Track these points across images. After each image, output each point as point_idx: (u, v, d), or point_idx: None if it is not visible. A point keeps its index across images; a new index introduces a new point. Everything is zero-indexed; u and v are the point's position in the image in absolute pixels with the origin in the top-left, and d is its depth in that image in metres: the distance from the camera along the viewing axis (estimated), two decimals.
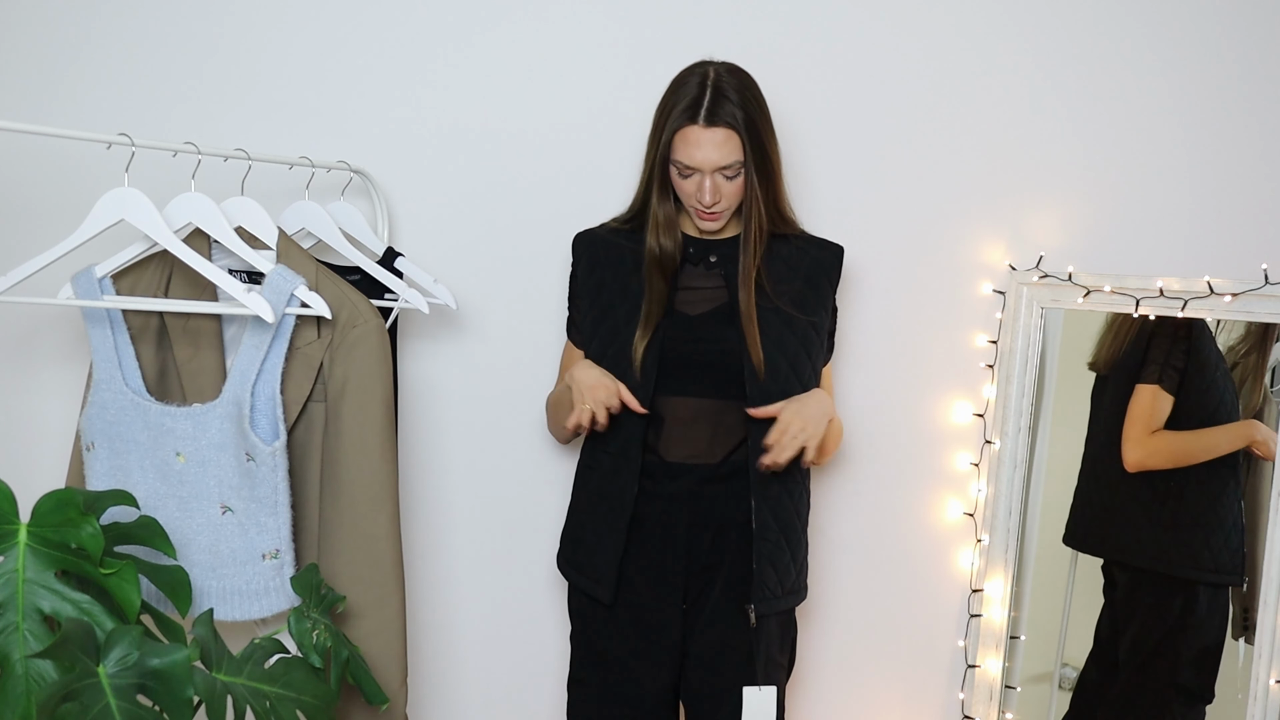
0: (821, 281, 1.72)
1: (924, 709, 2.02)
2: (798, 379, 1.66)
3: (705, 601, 1.69)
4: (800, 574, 1.73)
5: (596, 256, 1.75)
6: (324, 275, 1.63)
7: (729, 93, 1.58)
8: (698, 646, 1.70)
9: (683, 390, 1.67)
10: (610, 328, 1.70)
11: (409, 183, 1.97)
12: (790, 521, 1.68)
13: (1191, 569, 1.87)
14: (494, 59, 1.97)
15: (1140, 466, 1.88)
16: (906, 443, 1.99)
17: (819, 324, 1.71)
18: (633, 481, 1.67)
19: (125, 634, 1.27)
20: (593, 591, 1.71)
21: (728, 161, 1.59)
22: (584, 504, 1.76)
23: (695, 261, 1.71)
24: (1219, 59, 1.84)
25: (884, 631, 2.02)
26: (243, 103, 1.95)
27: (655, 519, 1.68)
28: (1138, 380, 1.87)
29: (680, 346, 1.67)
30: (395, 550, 1.66)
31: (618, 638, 1.70)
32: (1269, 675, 1.73)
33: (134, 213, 1.51)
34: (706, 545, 1.68)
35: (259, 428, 1.57)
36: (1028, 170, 1.92)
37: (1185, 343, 1.84)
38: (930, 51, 1.92)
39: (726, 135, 1.58)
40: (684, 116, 1.59)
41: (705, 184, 1.60)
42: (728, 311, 1.67)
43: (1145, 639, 1.92)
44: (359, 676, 1.54)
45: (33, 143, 1.85)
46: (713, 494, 1.68)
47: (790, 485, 1.67)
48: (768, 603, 1.65)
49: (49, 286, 1.63)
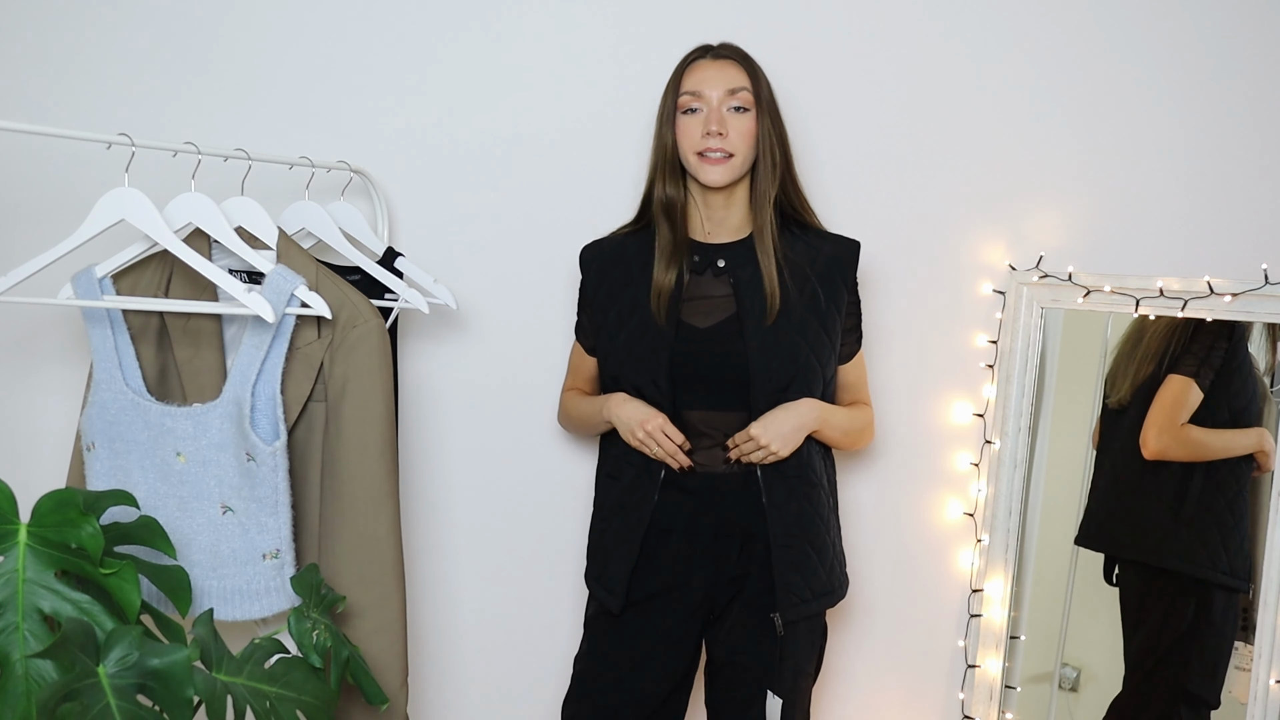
0: (836, 280, 1.69)
1: (924, 709, 2.02)
2: (807, 389, 1.65)
3: (731, 610, 1.68)
4: (831, 574, 1.69)
5: (605, 267, 1.74)
6: (324, 275, 1.63)
7: (732, 45, 1.69)
8: (723, 655, 1.69)
9: (696, 403, 1.66)
10: (625, 338, 1.68)
11: (409, 182, 1.97)
12: (811, 524, 1.65)
13: (1212, 570, 1.86)
14: (494, 59, 1.97)
15: (1159, 455, 1.87)
16: (906, 443, 1.99)
17: (831, 326, 1.68)
18: (652, 492, 1.65)
19: (125, 634, 1.27)
20: (605, 601, 1.69)
21: (734, 85, 1.62)
22: (605, 514, 1.74)
23: (701, 270, 1.69)
24: (1219, 59, 1.84)
25: (884, 631, 2.02)
26: (243, 103, 1.95)
27: (680, 530, 1.67)
28: (1173, 370, 1.86)
29: (690, 361, 1.65)
30: (395, 550, 1.66)
31: (629, 649, 1.69)
32: (1269, 675, 1.73)
33: (134, 213, 1.51)
34: (734, 555, 1.67)
35: (259, 428, 1.57)
36: (1028, 170, 1.92)
37: (1226, 343, 1.84)
38: (930, 51, 1.93)
39: (734, 66, 1.65)
40: (692, 55, 1.69)
41: (712, 116, 1.61)
42: (737, 322, 1.65)
43: (1156, 643, 1.91)
44: (359, 676, 1.54)
45: (33, 143, 1.85)
46: (734, 504, 1.66)
47: (806, 489, 1.65)
48: (796, 608, 1.63)
49: (49, 286, 1.63)
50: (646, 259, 1.69)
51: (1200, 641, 1.88)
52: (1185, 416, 1.86)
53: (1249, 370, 1.85)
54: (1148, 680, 1.91)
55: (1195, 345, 1.85)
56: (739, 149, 1.62)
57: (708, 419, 1.66)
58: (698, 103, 1.63)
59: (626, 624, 1.69)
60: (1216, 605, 1.87)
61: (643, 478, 1.66)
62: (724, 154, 1.62)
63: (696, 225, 1.71)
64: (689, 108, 1.64)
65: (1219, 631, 1.86)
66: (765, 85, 1.66)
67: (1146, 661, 1.91)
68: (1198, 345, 1.84)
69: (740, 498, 1.66)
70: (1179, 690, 1.89)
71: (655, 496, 1.65)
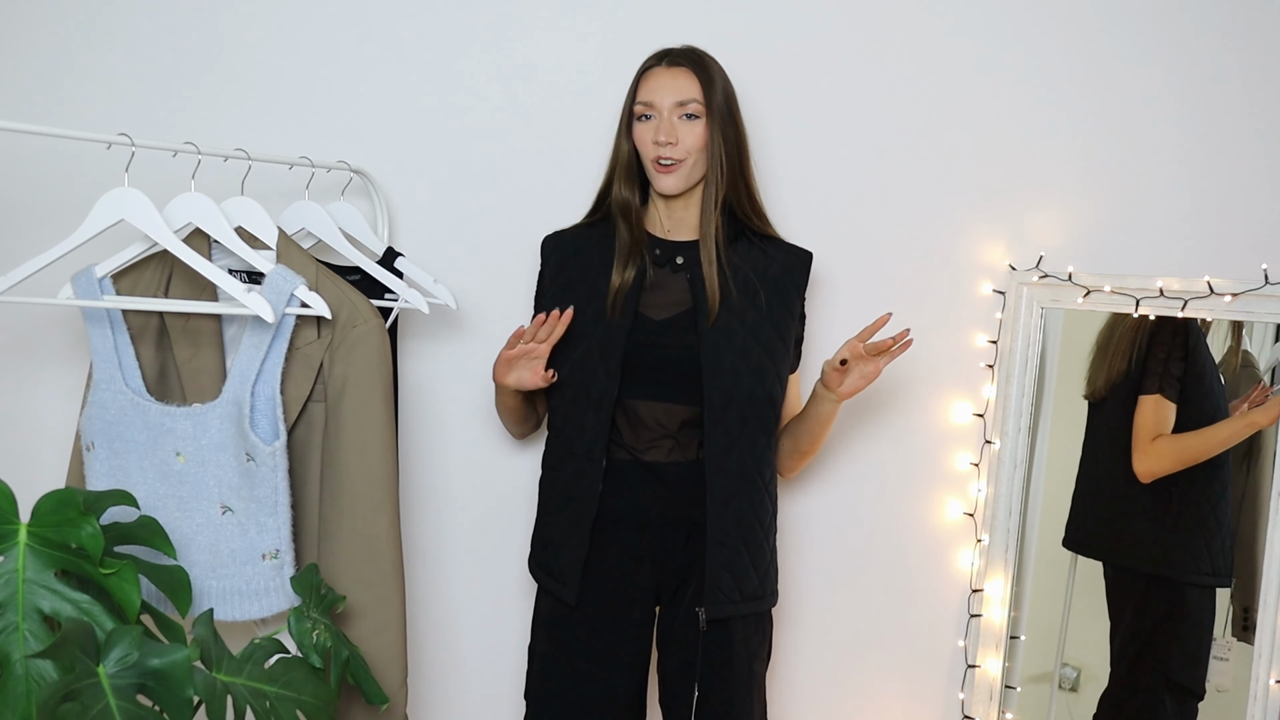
0: (789, 288, 1.72)
1: (924, 709, 2.02)
2: (761, 387, 1.66)
3: (679, 603, 1.70)
4: (764, 580, 1.70)
5: (565, 257, 1.75)
6: (324, 275, 1.63)
7: (690, 49, 1.70)
8: (672, 648, 1.70)
9: (646, 394, 1.67)
10: (576, 327, 1.67)
11: (409, 183, 1.97)
12: (750, 526, 1.66)
13: (1193, 573, 1.88)
14: (494, 59, 1.97)
15: (1153, 475, 1.88)
16: (906, 443, 1.99)
17: (785, 332, 1.70)
18: (596, 481, 1.66)
19: (125, 634, 1.27)
20: (559, 593, 1.70)
21: (684, 97, 1.64)
22: (551, 505, 1.74)
23: (662, 263, 1.71)
24: (1219, 59, 1.84)
25: (884, 631, 2.02)
26: (243, 103, 1.95)
27: (627, 519, 1.68)
28: (1139, 392, 1.87)
29: (644, 351, 1.66)
30: (395, 550, 1.66)
31: (586, 641, 1.69)
32: (1269, 675, 1.73)
33: (134, 213, 1.51)
34: (679, 546, 1.69)
35: (259, 428, 1.57)
36: (1028, 170, 1.91)
37: (1181, 349, 1.85)
38: (930, 50, 1.92)
39: (686, 75, 1.65)
40: (649, 62, 1.70)
41: (661, 125, 1.63)
42: (692, 317, 1.67)
43: (1135, 635, 1.92)
44: (359, 676, 1.54)
45: (33, 143, 1.85)
46: (681, 496, 1.68)
47: (750, 491, 1.66)
48: (721, 607, 1.64)
49: (49, 286, 1.63)
50: (607, 251, 1.71)
51: (1177, 632, 1.89)
52: (1165, 430, 1.87)
53: (1210, 369, 1.86)
54: (1131, 672, 1.92)
55: (1151, 361, 1.87)
56: (690, 155, 1.65)
57: (654, 411, 1.67)
58: (650, 111, 1.66)
59: (584, 615, 1.69)
60: (1190, 597, 1.88)
61: (585, 467, 1.67)
62: (674, 161, 1.65)
63: (657, 222, 1.73)
64: (642, 115, 1.67)
65: (1196, 621, 1.87)
66: (721, 91, 1.66)
67: (1128, 654, 1.92)
68: (1153, 360, 1.86)
69: (687, 489, 1.67)
70: (1162, 681, 1.90)
71: (599, 486, 1.66)
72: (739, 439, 1.65)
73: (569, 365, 1.68)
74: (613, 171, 1.73)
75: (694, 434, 1.68)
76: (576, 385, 1.67)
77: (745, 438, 1.65)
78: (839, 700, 2.05)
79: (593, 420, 1.66)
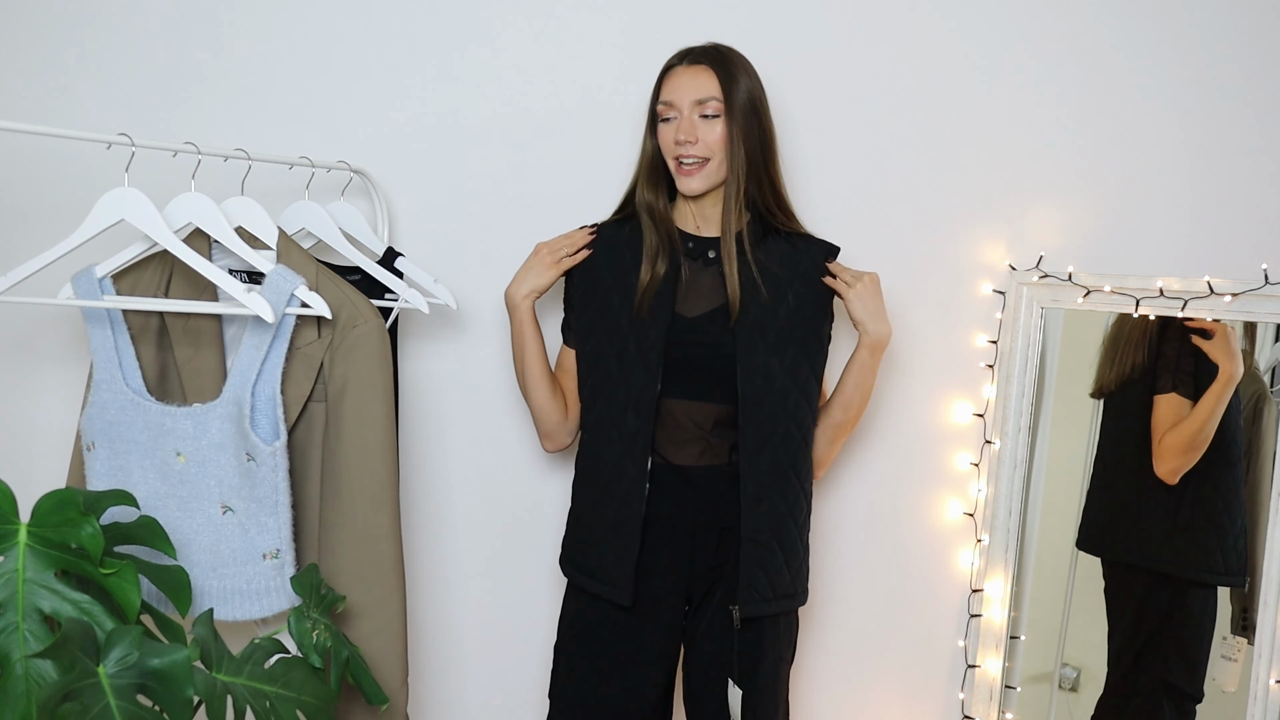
0: (821, 283, 1.71)
1: (924, 709, 2.02)
2: (794, 383, 1.65)
3: (709, 603, 1.69)
4: (796, 579, 1.70)
5: (594, 255, 1.74)
6: (324, 275, 1.63)
7: (714, 46, 1.68)
8: (699, 646, 1.70)
9: (680, 393, 1.66)
10: (611, 323, 1.68)
11: (409, 183, 1.97)
12: (783, 524, 1.66)
13: (1204, 571, 1.87)
14: (494, 58, 1.97)
15: (1176, 474, 1.86)
16: (906, 443, 1.99)
17: (819, 327, 1.70)
18: (642, 480, 1.65)
19: (125, 634, 1.27)
20: (610, 595, 1.67)
21: (703, 95, 1.62)
22: (589, 505, 1.72)
23: (694, 256, 1.70)
24: (1219, 59, 1.84)
25: (884, 631, 2.02)
26: (243, 103, 1.95)
27: (661, 521, 1.68)
28: (1154, 391, 1.87)
29: (677, 349, 1.66)
30: (395, 550, 1.66)
31: (615, 642, 1.69)
32: (1269, 675, 1.73)
33: (134, 213, 1.51)
34: (712, 548, 1.68)
35: (259, 428, 1.57)
36: (1028, 170, 1.91)
37: (1191, 345, 1.84)
38: (930, 50, 1.92)
39: (706, 73, 1.64)
40: (671, 62, 1.68)
41: (682, 125, 1.63)
42: (725, 312, 1.67)
43: (1133, 638, 1.92)
44: (359, 676, 1.54)
45: (33, 143, 1.85)
46: (714, 497, 1.67)
47: (784, 487, 1.66)
48: (755, 605, 1.64)
49: (49, 286, 1.63)
50: (637, 248, 1.70)
51: (1177, 635, 1.89)
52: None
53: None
54: (1128, 676, 1.92)
55: (1162, 361, 1.86)
56: (713, 154, 1.64)
57: (689, 411, 1.67)
58: (671, 112, 1.65)
59: (615, 616, 1.69)
60: (1193, 598, 1.88)
61: (626, 465, 1.65)
62: (697, 160, 1.64)
63: (688, 219, 1.73)
64: (665, 116, 1.66)
65: (1197, 624, 1.87)
66: (743, 89, 1.64)
67: (1125, 657, 1.92)
68: (1164, 360, 1.86)
69: (719, 491, 1.67)
70: (1160, 684, 1.90)
71: (645, 485, 1.65)
72: (772, 435, 1.64)
73: (604, 362, 1.68)
74: (640, 172, 1.72)
75: (726, 435, 1.67)
76: (614, 382, 1.66)
77: (779, 434, 1.64)
78: (839, 700, 2.05)
79: (634, 418, 1.64)
